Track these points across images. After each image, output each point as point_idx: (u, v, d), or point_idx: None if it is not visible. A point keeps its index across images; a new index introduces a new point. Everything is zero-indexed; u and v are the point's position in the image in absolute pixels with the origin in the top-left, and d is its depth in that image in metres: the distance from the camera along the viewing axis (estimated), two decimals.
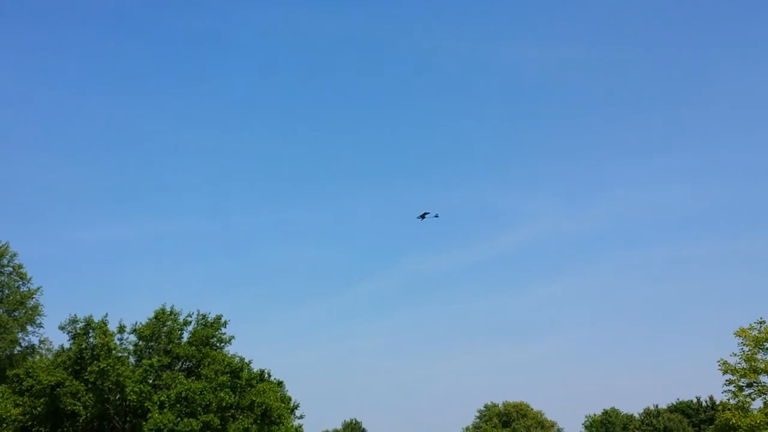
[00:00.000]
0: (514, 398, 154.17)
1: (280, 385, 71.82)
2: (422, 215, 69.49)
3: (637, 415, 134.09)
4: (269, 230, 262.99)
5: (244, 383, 59.83)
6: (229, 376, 58.49)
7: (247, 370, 62.58)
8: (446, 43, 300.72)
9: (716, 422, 75.07)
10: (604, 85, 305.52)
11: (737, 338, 67.96)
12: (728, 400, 69.06)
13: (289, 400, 71.75)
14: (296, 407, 72.24)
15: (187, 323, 62.62)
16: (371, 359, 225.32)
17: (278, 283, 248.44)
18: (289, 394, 73.35)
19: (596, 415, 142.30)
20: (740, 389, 66.69)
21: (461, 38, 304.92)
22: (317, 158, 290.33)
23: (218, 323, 63.58)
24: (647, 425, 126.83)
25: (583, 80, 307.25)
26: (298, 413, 72.25)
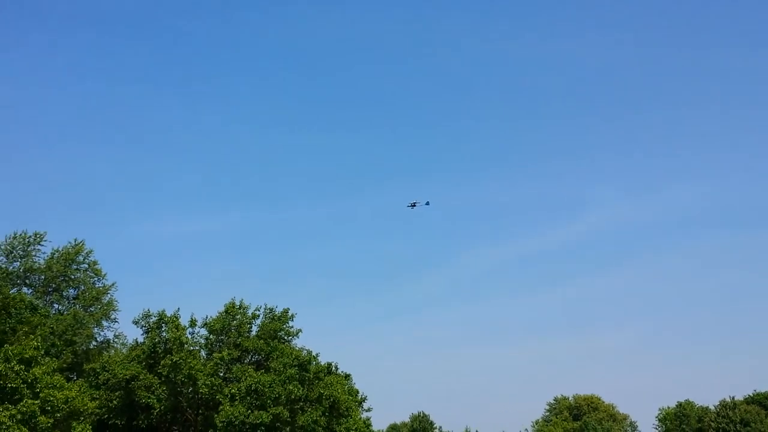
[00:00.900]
0: (584, 391, 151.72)
1: (347, 378, 72.12)
2: (412, 204, 68.43)
3: (712, 407, 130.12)
4: (328, 223, 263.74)
5: (312, 376, 60.45)
6: (297, 369, 59.15)
7: (314, 363, 63.17)
8: (503, 38, 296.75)
9: None
10: (659, 79, 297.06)
11: None
12: None
13: (356, 392, 71.89)
14: (363, 400, 72.29)
15: (255, 317, 63.66)
16: (439, 351, 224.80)
17: (341, 276, 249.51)
18: (356, 386, 73.64)
19: (670, 407, 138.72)
20: None
21: (521, 32, 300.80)
22: (380, 152, 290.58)
23: (285, 317, 64.40)
24: (723, 418, 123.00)
25: (640, 74, 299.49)
26: (365, 406, 72.41)
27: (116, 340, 75.32)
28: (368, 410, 73.02)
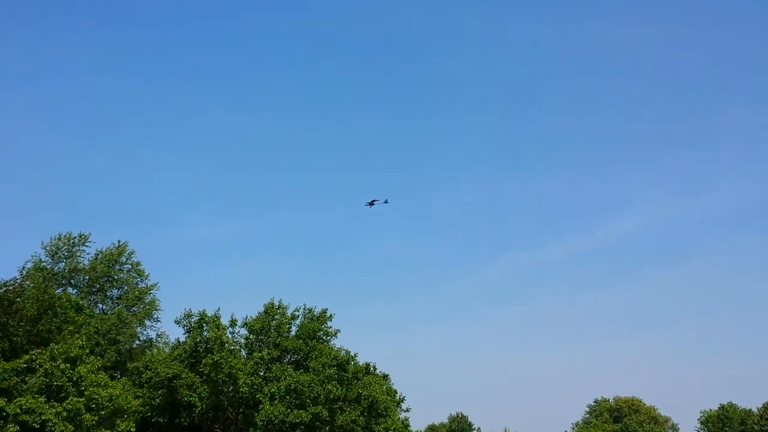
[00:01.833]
0: (625, 393, 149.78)
1: (385, 378, 72.41)
2: (371, 202, 67.42)
3: (755, 409, 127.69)
4: (363, 222, 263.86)
5: (350, 376, 60.88)
6: (336, 368, 59.63)
7: (352, 363, 63.55)
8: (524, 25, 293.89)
9: None
10: (712, 72, 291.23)
11: None
12: None
13: (394, 393, 72.10)
14: (402, 400, 72.46)
15: (294, 317, 64.24)
16: (478, 352, 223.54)
17: (378, 275, 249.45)
18: (394, 387, 73.83)
19: (712, 410, 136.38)
20: None
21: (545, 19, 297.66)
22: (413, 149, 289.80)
23: (324, 317, 64.85)
24: (767, 420, 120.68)
25: (686, 71, 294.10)
26: (404, 406, 72.54)
27: (158, 339, 76.79)
28: (406, 410, 73.24)
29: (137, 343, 72.85)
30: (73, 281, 71.71)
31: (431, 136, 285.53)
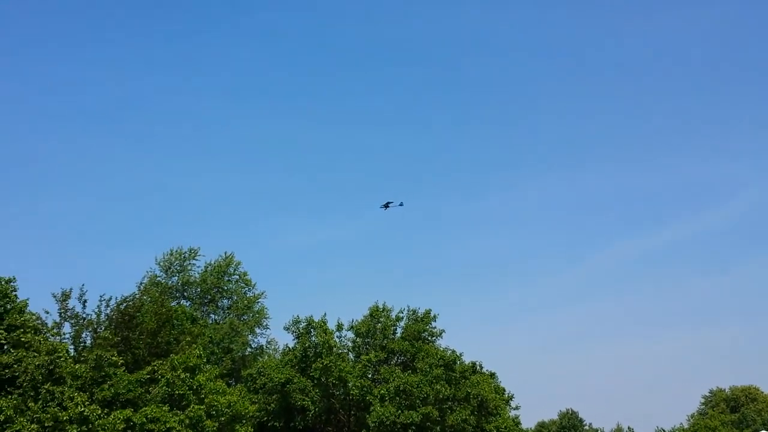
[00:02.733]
0: (742, 382, 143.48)
1: (492, 376, 72.31)
2: (385, 205, 65.27)
3: None
4: (460, 219, 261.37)
5: (458, 375, 61.12)
6: (443, 368, 60.00)
7: (459, 362, 63.72)
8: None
9: None
10: None
11: None
12: None
13: (503, 391, 71.93)
14: (510, 398, 72.20)
15: (399, 319, 64.96)
16: (586, 346, 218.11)
17: (477, 272, 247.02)
18: (502, 385, 73.60)
19: None
20: None
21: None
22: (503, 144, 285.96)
23: (428, 318, 65.30)
24: None
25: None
26: (513, 404, 72.26)
27: (268, 345, 79.22)
28: (516, 408, 72.98)
29: (249, 350, 75.39)
30: (186, 294, 75.07)
31: (515, 131, 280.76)
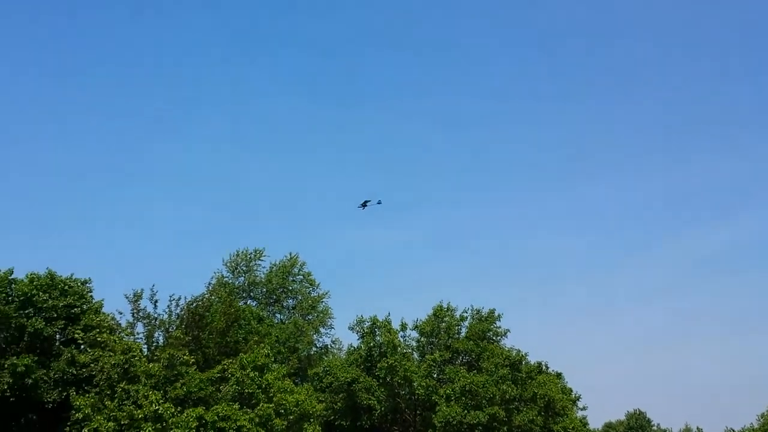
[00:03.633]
0: None
1: (558, 376, 71.62)
2: (363, 204, 63.69)
3: None
4: (522, 216, 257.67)
5: (524, 376, 60.67)
6: (508, 368, 59.56)
7: (524, 362, 63.26)
8: None
9: None
10: None
11: None
12: None
13: (569, 391, 71.16)
14: (578, 398, 71.44)
15: (463, 318, 64.82)
16: (655, 345, 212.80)
17: (542, 271, 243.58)
18: (568, 385, 72.82)
19: None
20: None
21: None
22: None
23: (492, 317, 65.03)
24: None
25: None
26: (580, 404, 71.51)
27: (333, 345, 79.97)
28: (583, 409, 72.21)
29: (314, 350, 76.18)
30: (252, 294, 76.37)
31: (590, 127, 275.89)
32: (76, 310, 46.96)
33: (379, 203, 63.41)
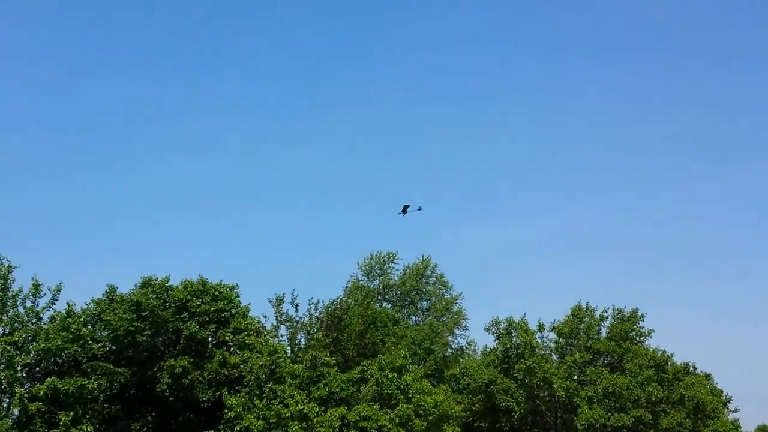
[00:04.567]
0: None
1: (707, 377, 69.03)
2: (404, 209, 59.41)
3: None
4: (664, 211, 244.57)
5: (670, 377, 58.75)
6: (653, 370, 57.72)
7: (670, 363, 61.21)
8: None
9: None
10: None
11: None
12: None
13: (720, 393, 68.20)
14: (729, 400, 68.46)
15: (603, 318, 63.13)
16: None
17: (684, 268, 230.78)
18: (718, 386, 69.79)
19: None
20: None
21: None
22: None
23: (635, 317, 63.03)
24: None
25: None
26: (731, 406, 68.43)
27: (468, 346, 79.90)
28: (735, 411, 69.07)
29: (449, 351, 76.45)
30: (387, 296, 77.63)
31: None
32: (225, 314, 49.22)
33: (419, 209, 62.94)
